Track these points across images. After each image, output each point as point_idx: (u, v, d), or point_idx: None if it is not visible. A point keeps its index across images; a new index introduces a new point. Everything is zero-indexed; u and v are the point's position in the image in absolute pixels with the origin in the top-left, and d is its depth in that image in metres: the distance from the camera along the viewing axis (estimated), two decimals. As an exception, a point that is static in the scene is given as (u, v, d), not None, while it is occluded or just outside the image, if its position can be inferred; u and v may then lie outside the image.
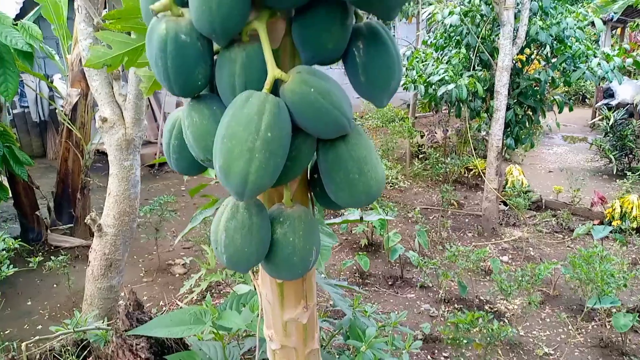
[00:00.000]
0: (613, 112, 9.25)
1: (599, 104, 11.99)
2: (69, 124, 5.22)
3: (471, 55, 5.95)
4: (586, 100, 16.73)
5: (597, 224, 5.87)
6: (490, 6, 5.70)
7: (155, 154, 9.05)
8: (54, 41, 8.72)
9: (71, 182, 5.51)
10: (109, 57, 2.39)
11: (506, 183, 6.96)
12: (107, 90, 3.49)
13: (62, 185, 5.58)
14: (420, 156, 9.20)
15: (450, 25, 5.90)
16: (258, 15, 0.94)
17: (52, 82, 8.27)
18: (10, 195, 5.24)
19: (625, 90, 11.12)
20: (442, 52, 6.39)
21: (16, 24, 4.33)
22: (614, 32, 14.20)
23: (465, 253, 4.23)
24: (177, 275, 5.07)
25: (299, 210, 1.03)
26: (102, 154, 8.69)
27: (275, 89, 0.91)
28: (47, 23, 5.85)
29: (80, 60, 5.11)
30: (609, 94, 11.88)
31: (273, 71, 0.89)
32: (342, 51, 0.97)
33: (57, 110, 5.67)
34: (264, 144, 0.83)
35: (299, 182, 1.15)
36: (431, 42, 6.58)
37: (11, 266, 3.36)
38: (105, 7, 3.80)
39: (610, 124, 8.87)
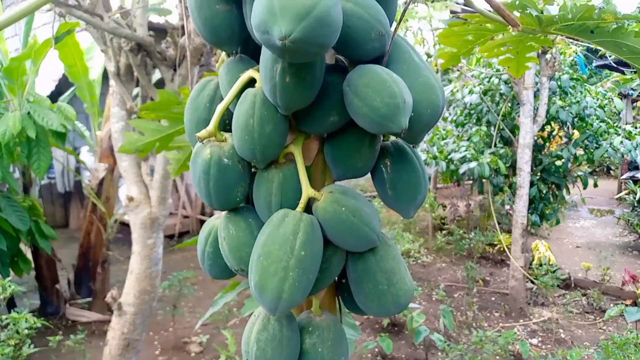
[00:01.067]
0: (639, 186, 9.11)
1: (624, 176, 11.86)
2: (94, 198, 5.34)
3: (492, 132, 6.01)
4: (611, 171, 16.59)
5: (630, 305, 5.62)
6: (510, 85, 5.81)
7: (175, 225, 9.12)
8: (84, 115, 9.11)
9: (92, 255, 5.55)
10: (142, 144, 2.46)
11: (533, 259, 6.77)
12: (135, 170, 3.58)
13: (84, 258, 5.62)
14: (444, 229, 9.08)
15: (470, 104, 6.01)
16: (294, 139, 0.97)
17: (79, 154, 8.57)
18: (33, 267, 5.29)
19: (650, 164, 11.00)
20: (462, 128, 6.47)
21: (53, 105, 4.54)
22: (635, 104, 14.28)
23: (492, 338, 4.05)
24: (193, 355, 4.93)
25: (327, 319, 1.03)
26: (123, 225, 8.80)
27: (308, 205, 0.93)
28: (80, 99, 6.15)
29: (109, 137, 5.30)
30: (634, 166, 11.77)
31: (307, 191, 0.91)
32: (371, 168, 1.00)
33: (82, 184, 5.82)
34: (298, 262, 0.85)
35: (327, 288, 1.14)
36: (452, 118, 6.68)
37: (32, 345, 3.32)
38: (137, 86, 3.98)
39: (637, 199, 8.71)
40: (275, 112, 0.89)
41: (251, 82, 0.96)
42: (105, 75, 5.25)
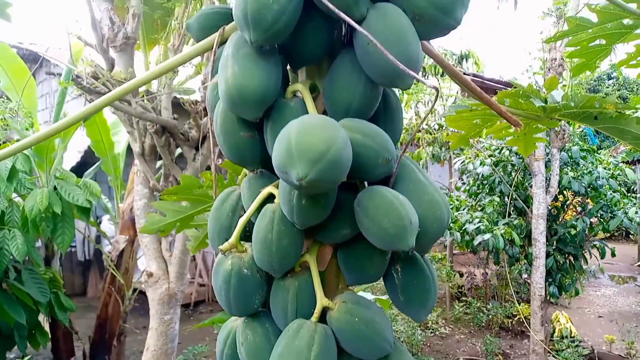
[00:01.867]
0: (660, 254, 8.93)
1: (643, 242, 11.65)
2: (114, 270, 5.42)
3: (505, 200, 6.05)
4: (630, 235, 16.28)
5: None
6: (521, 157, 5.92)
7: (192, 294, 9.10)
8: (106, 185, 9.38)
9: (109, 328, 5.56)
10: (163, 224, 2.56)
11: (553, 331, 6.59)
12: (156, 246, 3.68)
13: (100, 330, 5.62)
14: (461, 299, 8.92)
15: (482, 174, 6.11)
16: (309, 247, 1.05)
17: (100, 222, 8.74)
18: (50, 339, 5.30)
19: (670, 229, 10.82)
20: (475, 197, 6.53)
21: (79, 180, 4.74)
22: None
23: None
24: None
25: None
26: (141, 294, 8.80)
27: (323, 313, 0.99)
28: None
29: (131, 209, 5.46)
30: (653, 231, 11.58)
31: (321, 301, 0.98)
32: (382, 273, 1.07)
33: (103, 255, 5.92)
34: (313, 375, 0.90)
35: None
36: (465, 188, 6.77)
37: None
38: (159, 169, 4.15)
39: (658, 266, 8.52)
40: (292, 227, 0.98)
41: (270, 197, 1.06)
42: (129, 147, 5.48)
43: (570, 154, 5.73)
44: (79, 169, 7.41)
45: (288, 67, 1.09)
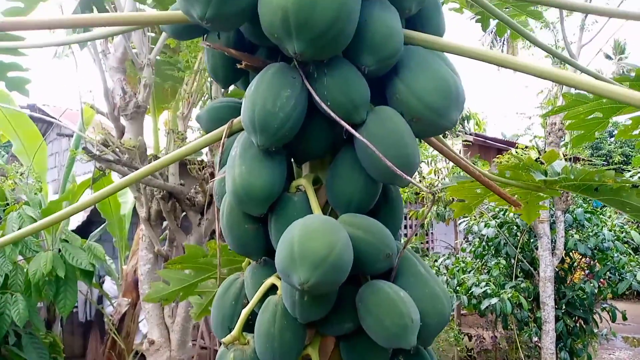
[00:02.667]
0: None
1: (656, 302, 11.37)
2: (115, 334, 5.34)
3: (512, 262, 6.00)
4: (641, 295, 15.91)
5: None
6: (525, 218, 5.92)
7: (193, 357, 8.87)
8: (110, 245, 9.37)
9: (108, 394, 5.41)
10: (166, 292, 2.56)
11: (567, 399, 6.34)
12: (158, 312, 3.65)
13: (99, 396, 5.47)
14: (470, 362, 8.63)
15: (487, 236, 6.09)
16: (311, 340, 1.06)
17: (103, 282, 8.67)
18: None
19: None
20: (481, 259, 6.48)
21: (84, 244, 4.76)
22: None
23: None
24: None
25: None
26: (142, 357, 8.60)
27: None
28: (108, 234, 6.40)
29: (134, 271, 5.44)
30: (665, 291, 11.33)
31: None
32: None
33: (104, 317, 5.85)
34: None
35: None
36: (470, 249, 6.73)
37: None
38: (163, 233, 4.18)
39: (672, 329, 8.29)
40: (294, 321, 0.99)
41: (273, 287, 1.07)
42: (135, 207, 5.54)
43: (574, 216, 5.73)
44: (84, 228, 7.43)
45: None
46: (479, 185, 2.16)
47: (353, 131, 0.92)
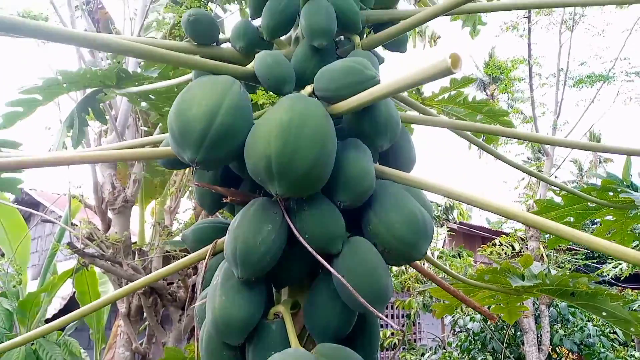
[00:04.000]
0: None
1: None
2: None
3: (499, 355, 5.88)
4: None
5: None
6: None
7: None
8: (87, 334, 9.01)
9: None
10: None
11: None
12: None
13: None
14: None
15: (473, 331, 6.03)
16: None
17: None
18: None
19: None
20: (468, 354, 6.35)
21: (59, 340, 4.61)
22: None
23: None
24: None
25: None
26: None
27: None
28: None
29: (110, 366, 5.22)
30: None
31: None
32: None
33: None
34: None
35: None
36: (457, 344, 6.61)
37: None
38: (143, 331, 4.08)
39: None
40: None
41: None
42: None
43: (558, 310, 5.73)
44: (61, 316, 7.18)
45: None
46: (460, 286, 2.21)
47: (329, 267, 0.98)
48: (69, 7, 3.56)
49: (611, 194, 2.16)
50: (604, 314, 2.04)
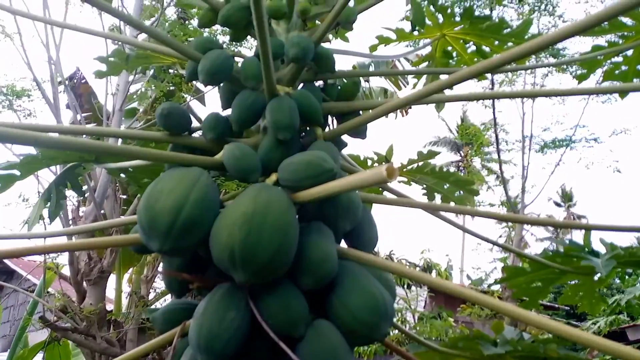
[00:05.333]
0: None
1: None
2: None
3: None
4: None
5: None
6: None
7: None
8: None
9: None
10: None
11: None
12: None
13: None
14: None
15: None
16: None
17: None
18: None
19: None
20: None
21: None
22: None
23: None
24: None
25: None
26: None
27: None
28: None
29: None
30: None
31: None
32: None
33: None
34: None
35: None
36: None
37: None
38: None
39: None
40: None
41: None
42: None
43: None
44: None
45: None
46: (435, 354, 2.23)
47: (291, 353, 1.02)
48: (52, 84, 3.68)
49: (575, 259, 2.24)
50: (580, 372, 2.07)
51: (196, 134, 1.42)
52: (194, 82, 2.63)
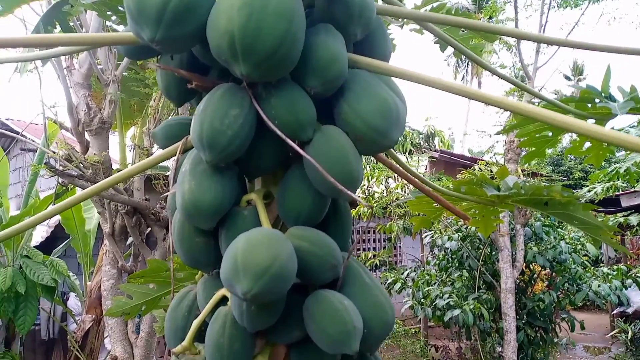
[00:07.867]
0: (630, 325, 9.02)
1: (614, 311, 11.72)
2: (78, 351, 5.22)
3: (474, 274, 6.14)
4: (601, 305, 16.35)
5: None
6: (487, 231, 6.08)
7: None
8: (75, 260, 9.16)
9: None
10: (129, 307, 2.56)
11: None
12: (122, 328, 3.61)
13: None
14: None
15: (451, 250, 6.24)
16: (262, 348, 1.10)
17: (67, 299, 8.45)
18: None
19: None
20: (446, 272, 6.62)
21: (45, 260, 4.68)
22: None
23: None
24: None
25: None
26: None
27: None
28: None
29: (99, 287, 5.35)
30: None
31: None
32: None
33: (68, 336, 5.71)
34: None
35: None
36: (435, 262, 6.86)
37: None
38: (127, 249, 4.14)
39: (629, 337, 8.59)
40: (244, 330, 1.03)
41: (224, 299, 1.11)
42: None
43: (533, 230, 5.92)
44: (47, 244, 7.26)
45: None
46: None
47: (299, 149, 0.98)
48: None
49: (589, 105, 2.15)
50: (575, 222, 2.10)
51: None
52: None
